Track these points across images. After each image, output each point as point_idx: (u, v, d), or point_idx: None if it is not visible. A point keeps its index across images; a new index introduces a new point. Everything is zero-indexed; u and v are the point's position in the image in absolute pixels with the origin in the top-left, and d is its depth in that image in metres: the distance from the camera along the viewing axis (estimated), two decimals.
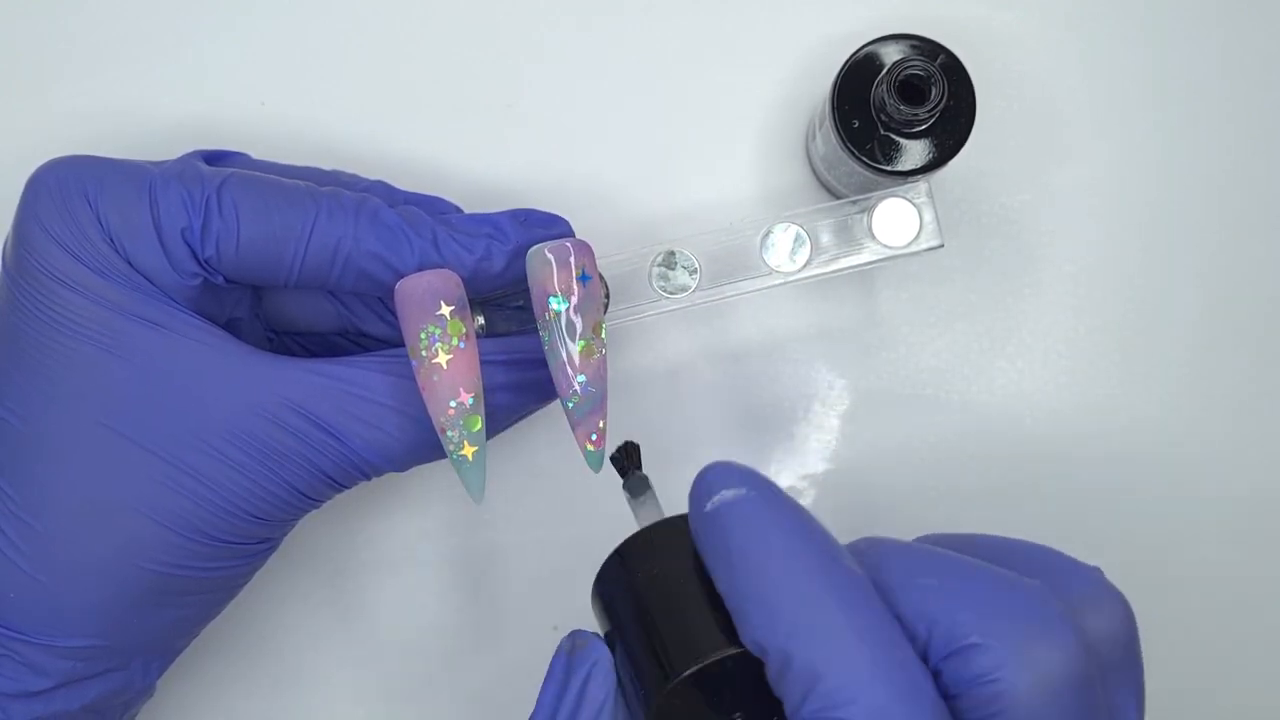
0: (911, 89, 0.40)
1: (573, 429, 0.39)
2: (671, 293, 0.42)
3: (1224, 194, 0.48)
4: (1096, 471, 0.48)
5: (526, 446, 0.49)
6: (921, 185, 0.41)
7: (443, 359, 0.37)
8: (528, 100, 0.49)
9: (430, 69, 0.49)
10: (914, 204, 0.41)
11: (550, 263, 0.38)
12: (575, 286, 0.38)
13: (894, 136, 0.42)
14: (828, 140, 0.43)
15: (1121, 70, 0.48)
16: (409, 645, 0.49)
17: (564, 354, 0.38)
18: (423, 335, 0.37)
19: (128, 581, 0.38)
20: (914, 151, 0.42)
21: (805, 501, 0.49)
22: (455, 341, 0.38)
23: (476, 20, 0.49)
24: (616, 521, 0.48)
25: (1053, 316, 0.48)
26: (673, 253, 0.42)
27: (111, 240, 0.37)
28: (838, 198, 0.43)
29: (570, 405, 0.39)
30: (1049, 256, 0.48)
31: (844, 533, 0.48)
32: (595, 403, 0.39)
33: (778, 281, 0.42)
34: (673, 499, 0.48)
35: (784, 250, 0.42)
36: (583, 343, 0.38)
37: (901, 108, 0.40)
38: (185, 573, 0.39)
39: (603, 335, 0.39)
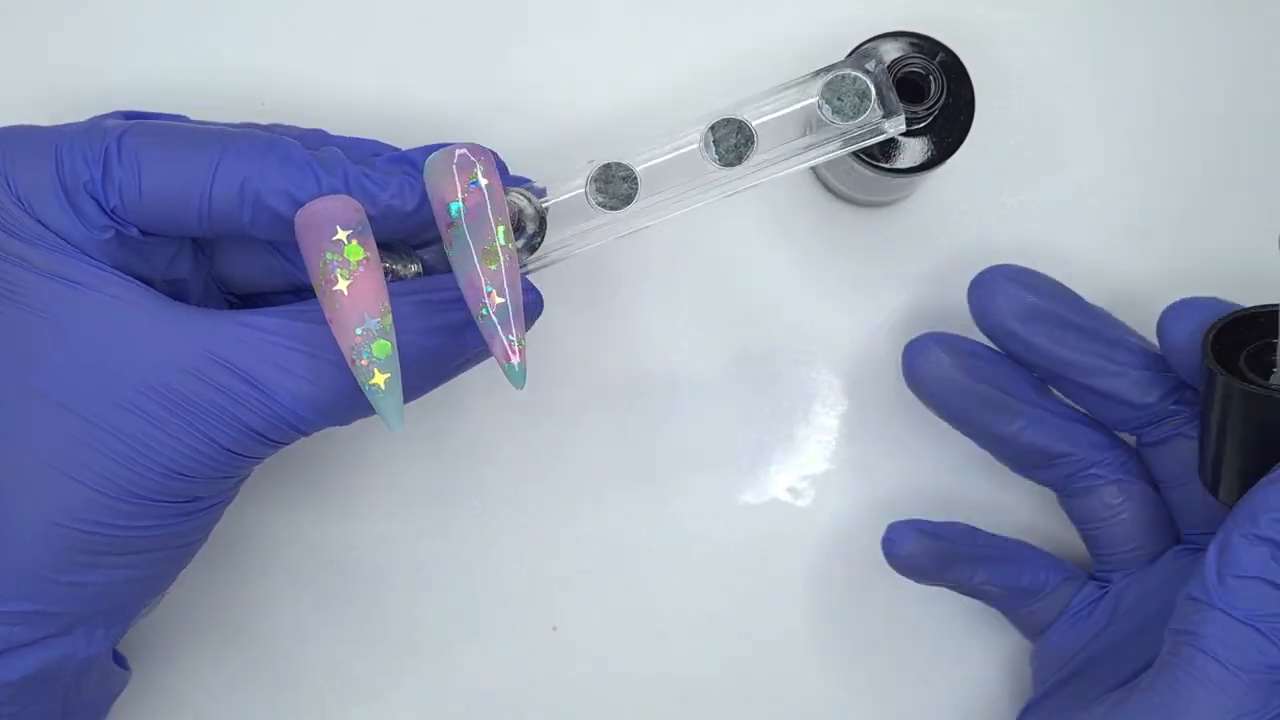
0: (910, 86, 0.40)
1: (488, 343, 0.38)
2: (611, 207, 0.40)
3: (1225, 195, 0.48)
4: None
5: (526, 442, 0.48)
6: (877, 51, 0.39)
7: (342, 285, 0.36)
8: (522, 104, 0.48)
9: (431, 67, 0.48)
10: (868, 77, 0.39)
11: (447, 168, 0.37)
12: (473, 190, 0.37)
13: None
14: None
15: (1122, 70, 0.48)
16: (406, 646, 0.49)
17: (470, 264, 0.37)
18: (321, 265, 0.36)
19: (56, 543, 0.37)
20: (913, 149, 0.42)
21: (804, 503, 0.49)
22: (355, 266, 0.36)
23: (477, 21, 0.49)
24: (614, 520, 0.49)
25: None
26: (608, 165, 0.40)
27: (21, 201, 0.37)
28: (837, 196, 0.43)
29: (481, 317, 0.37)
30: (1049, 257, 0.48)
31: (844, 535, 0.48)
32: (506, 315, 0.37)
33: (725, 185, 0.40)
34: (673, 505, 0.49)
35: (728, 147, 0.39)
36: (487, 247, 0.37)
37: (900, 105, 0.40)
38: (113, 532, 0.38)
39: (508, 243, 0.37)
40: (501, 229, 0.37)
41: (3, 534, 0.37)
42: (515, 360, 0.37)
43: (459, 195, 0.37)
